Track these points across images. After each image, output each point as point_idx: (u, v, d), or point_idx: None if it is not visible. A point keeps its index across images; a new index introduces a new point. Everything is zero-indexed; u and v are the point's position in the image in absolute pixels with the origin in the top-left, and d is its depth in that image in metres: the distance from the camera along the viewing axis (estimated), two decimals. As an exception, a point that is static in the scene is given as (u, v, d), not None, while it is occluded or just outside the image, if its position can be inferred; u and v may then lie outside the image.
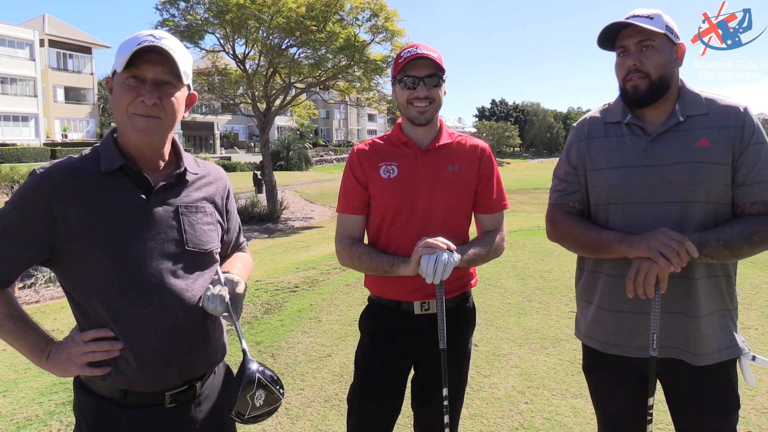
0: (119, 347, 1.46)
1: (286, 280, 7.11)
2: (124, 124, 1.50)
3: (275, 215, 19.58)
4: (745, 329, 4.74)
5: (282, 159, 46.61)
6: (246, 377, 1.46)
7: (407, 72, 2.01)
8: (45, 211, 1.42)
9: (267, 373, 1.52)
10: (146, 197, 1.52)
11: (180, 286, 1.53)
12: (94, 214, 1.44)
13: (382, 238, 2.13)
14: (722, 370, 1.82)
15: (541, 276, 6.95)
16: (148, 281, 1.48)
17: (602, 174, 1.90)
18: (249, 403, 1.46)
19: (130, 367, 1.47)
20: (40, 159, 34.17)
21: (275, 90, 20.00)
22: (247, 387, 1.45)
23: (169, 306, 1.50)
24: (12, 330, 1.48)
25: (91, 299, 1.47)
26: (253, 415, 1.48)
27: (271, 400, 1.51)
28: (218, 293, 1.55)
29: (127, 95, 1.46)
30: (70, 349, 1.48)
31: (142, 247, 1.48)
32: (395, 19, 18.18)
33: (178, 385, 1.56)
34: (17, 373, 4.37)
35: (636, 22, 1.76)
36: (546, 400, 3.64)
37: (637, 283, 1.69)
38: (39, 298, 8.63)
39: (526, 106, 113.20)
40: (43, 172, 1.45)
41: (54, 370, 1.50)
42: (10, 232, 1.43)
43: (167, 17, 17.91)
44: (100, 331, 1.47)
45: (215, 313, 1.56)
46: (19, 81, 41.46)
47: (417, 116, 2.03)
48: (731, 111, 1.79)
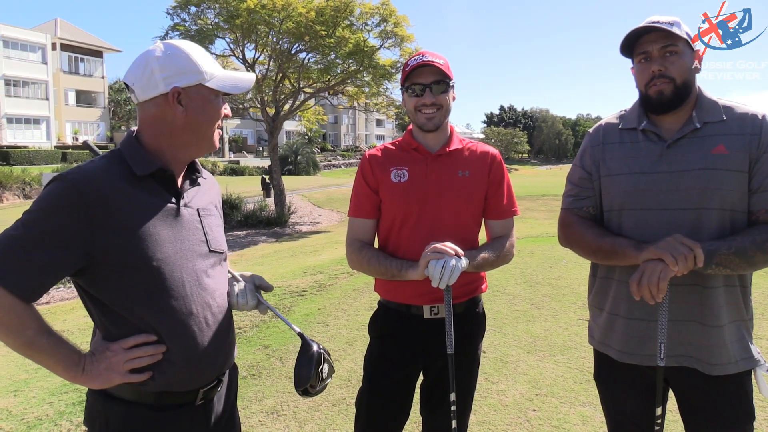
0: (163, 350, 1.47)
1: (294, 285, 7.11)
2: (204, 137, 1.58)
3: (283, 219, 19.61)
4: (757, 339, 4.67)
5: (290, 163, 46.76)
6: (315, 355, 1.71)
7: (414, 80, 2.03)
8: (84, 219, 1.36)
9: (323, 349, 1.76)
10: (176, 201, 1.54)
11: (212, 285, 1.59)
12: (130, 219, 1.42)
13: (391, 242, 2.13)
14: (737, 381, 1.80)
15: (550, 283, 6.91)
16: (186, 282, 1.51)
17: (616, 180, 1.89)
18: (320, 376, 1.71)
19: (174, 368, 1.48)
20: (51, 161, 34.46)
21: (284, 95, 20.08)
22: (317, 363, 1.70)
23: (206, 304, 1.56)
24: (45, 346, 1.38)
25: (130, 304, 1.44)
26: (321, 386, 1.73)
27: (331, 371, 1.77)
28: (247, 289, 1.71)
29: (219, 109, 1.59)
30: (109, 359, 1.43)
31: (179, 249, 1.51)
32: (404, 24, 18.22)
33: (210, 381, 1.60)
34: (28, 372, 4.40)
35: (663, 26, 1.76)
36: (554, 407, 3.62)
37: (641, 285, 1.66)
38: (49, 299, 8.66)
39: (535, 112, 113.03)
40: (77, 177, 1.38)
41: (92, 382, 1.44)
42: (44, 242, 1.34)
43: (178, 22, 18.06)
44: (142, 337, 1.45)
45: (245, 308, 1.71)
46: (32, 84, 41.89)
47: (425, 123, 2.05)
48: (748, 118, 1.78)
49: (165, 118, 1.51)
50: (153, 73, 1.47)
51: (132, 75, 1.50)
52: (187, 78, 1.49)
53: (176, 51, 1.50)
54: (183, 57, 1.50)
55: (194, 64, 1.50)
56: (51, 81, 43.12)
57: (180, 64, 1.49)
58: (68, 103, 46.09)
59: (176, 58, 1.49)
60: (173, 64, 1.48)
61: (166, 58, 1.48)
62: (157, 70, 1.47)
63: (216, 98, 1.56)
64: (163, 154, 1.53)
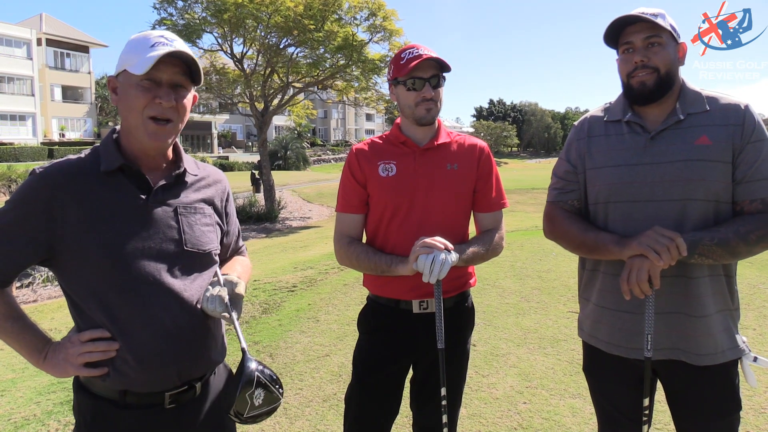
0: (116, 347, 1.45)
1: (284, 280, 7.09)
2: (136, 126, 1.49)
3: (273, 215, 19.56)
4: (742, 329, 4.72)
5: (280, 159, 46.55)
6: (245, 376, 1.45)
7: (414, 74, 2.00)
8: (44, 211, 1.41)
9: (266, 372, 1.50)
10: (145, 197, 1.51)
11: (178, 286, 1.52)
12: (92, 213, 1.44)
13: (380, 237, 2.12)
14: (723, 371, 1.81)
15: (539, 276, 6.95)
16: (145, 281, 1.47)
17: (601, 172, 1.89)
18: (248, 402, 1.44)
19: (128, 368, 1.46)
20: (37, 158, 34.09)
21: (273, 89, 19.98)
22: (246, 386, 1.44)
23: (168, 306, 1.49)
24: (10, 330, 1.47)
25: (88, 299, 1.46)
26: (252, 415, 1.46)
27: (270, 400, 1.49)
28: (217, 294, 1.54)
29: (144, 97, 1.46)
30: (67, 349, 1.47)
31: (140, 247, 1.47)
32: (393, 18, 18.19)
33: (178, 385, 1.54)
34: (15, 372, 4.36)
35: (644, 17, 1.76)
36: (544, 400, 3.64)
37: (631, 282, 1.68)
38: (36, 298, 8.60)
39: (524, 106, 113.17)
40: (43, 171, 1.44)
41: (51, 370, 1.49)
42: (8, 232, 1.42)
43: (165, 16, 17.92)
44: (97, 332, 1.46)
45: (214, 314, 1.54)
46: (17, 80, 41.32)
47: (425, 115, 2.03)
48: (732, 108, 1.78)
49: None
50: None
51: None
52: (119, 65, 1.50)
53: (131, 40, 1.51)
54: (129, 44, 1.51)
55: (127, 51, 1.49)
56: (37, 77, 42.52)
57: (122, 53, 1.51)
58: (54, 99, 45.52)
59: (126, 47, 1.51)
60: (122, 53, 1.51)
61: (125, 48, 1.51)
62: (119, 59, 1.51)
63: (138, 83, 1.46)
64: (130, 148, 1.54)
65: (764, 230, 1.71)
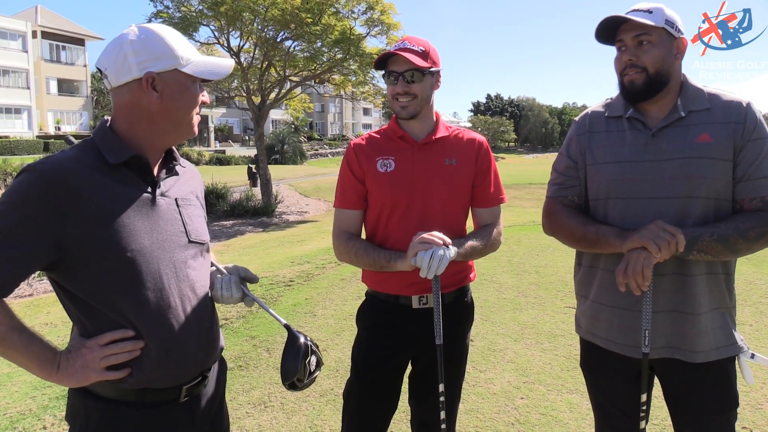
0: (141, 345, 1.41)
1: (281, 275, 7.08)
2: (188, 123, 1.53)
3: (270, 209, 19.51)
4: (739, 325, 4.73)
5: (277, 153, 46.45)
6: (303, 347, 1.66)
7: (390, 67, 2.00)
8: (54, 210, 1.31)
9: (310, 340, 1.71)
10: (152, 190, 1.49)
11: (192, 277, 1.54)
12: (105, 209, 1.37)
13: (379, 233, 2.11)
14: (721, 368, 1.81)
15: (537, 271, 6.95)
16: (164, 274, 1.45)
17: (602, 168, 1.88)
18: (307, 369, 1.66)
19: (152, 364, 1.43)
20: (33, 151, 33.89)
21: (270, 83, 19.91)
22: (304, 356, 1.65)
23: (186, 297, 1.50)
24: (17, 343, 1.32)
25: (104, 298, 1.39)
26: (310, 379, 1.68)
27: (319, 363, 1.72)
28: (231, 281, 1.65)
29: (199, 95, 1.53)
30: (84, 355, 1.38)
31: (156, 240, 1.45)
32: (391, 12, 18.13)
33: (195, 376, 1.55)
34: (10, 366, 4.34)
35: (633, 16, 1.74)
36: (542, 395, 3.64)
37: (627, 275, 1.68)
38: (32, 291, 8.56)
39: (522, 101, 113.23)
40: (46, 168, 1.32)
41: (67, 380, 1.39)
42: (13, 235, 1.28)
43: (161, 9, 17.80)
44: (119, 332, 1.39)
45: (230, 301, 1.66)
46: (12, 73, 41.06)
47: (399, 111, 2.03)
48: (733, 106, 1.77)
49: (140, 105, 1.45)
50: (126, 58, 1.42)
51: (105, 59, 1.45)
52: (162, 63, 1.44)
53: (151, 35, 1.45)
54: (158, 41, 1.44)
55: (169, 49, 1.45)
56: (32, 69, 42.29)
57: (154, 49, 1.44)
58: (50, 92, 45.28)
59: (151, 42, 1.44)
60: (147, 48, 1.43)
61: (140, 42, 1.43)
62: (130, 55, 1.42)
63: (193, 84, 1.50)
64: (138, 141, 1.48)
65: (763, 228, 1.71)
